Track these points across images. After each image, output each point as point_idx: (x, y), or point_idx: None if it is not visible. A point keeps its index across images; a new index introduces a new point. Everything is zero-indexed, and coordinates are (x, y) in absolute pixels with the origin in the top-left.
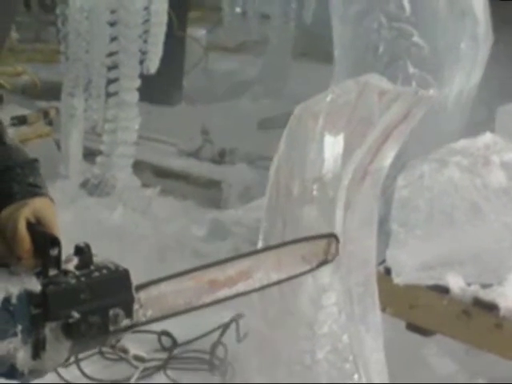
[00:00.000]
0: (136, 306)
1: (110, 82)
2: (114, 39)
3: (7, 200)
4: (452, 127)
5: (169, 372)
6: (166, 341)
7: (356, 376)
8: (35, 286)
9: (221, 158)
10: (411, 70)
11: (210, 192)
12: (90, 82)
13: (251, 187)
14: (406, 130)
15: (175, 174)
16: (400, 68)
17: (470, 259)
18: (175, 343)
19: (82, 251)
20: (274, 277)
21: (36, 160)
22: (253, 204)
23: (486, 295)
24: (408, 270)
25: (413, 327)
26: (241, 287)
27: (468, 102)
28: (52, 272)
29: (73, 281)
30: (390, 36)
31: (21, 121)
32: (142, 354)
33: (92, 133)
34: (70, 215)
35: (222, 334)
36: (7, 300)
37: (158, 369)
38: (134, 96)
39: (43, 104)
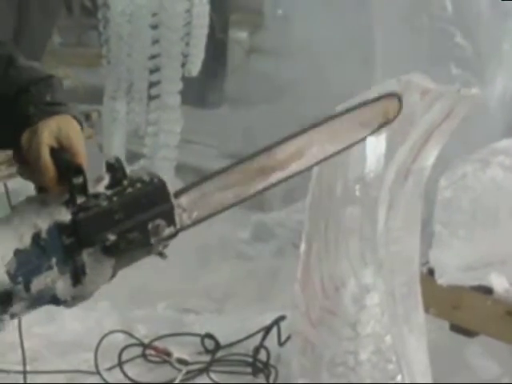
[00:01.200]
0: (178, 211)
1: (152, 84)
2: (155, 42)
3: (25, 124)
4: (495, 127)
5: (212, 375)
6: (208, 343)
7: (399, 377)
8: (65, 216)
9: None
10: (454, 70)
11: None
12: (132, 85)
13: (294, 189)
14: (449, 129)
15: None
16: (443, 69)
17: None
18: (218, 346)
19: (113, 167)
20: (331, 149)
21: (52, 76)
22: (296, 206)
23: None
24: (451, 270)
25: (456, 328)
26: (294, 167)
27: (511, 102)
28: (80, 200)
29: (104, 203)
30: (433, 36)
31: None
32: (185, 356)
33: (134, 136)
34: None
35: (264, 337)
36: (37, 235)
37: (201, 371)
38: (176, 99)
39: (85, 107)
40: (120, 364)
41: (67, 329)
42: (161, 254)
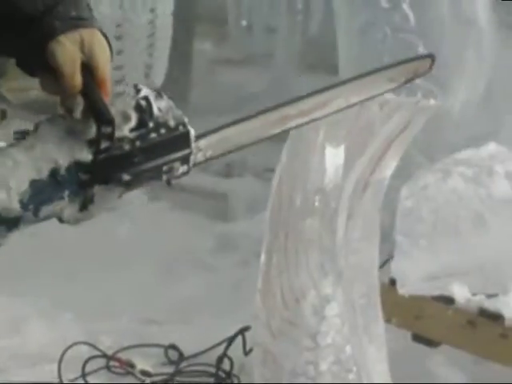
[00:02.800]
0: (195, 151)
1: (114, 96)
2: (119, 53)
3: (51, 37)
4: (457, 137)
5: None
6: (172, 354)
7: None
8: (86, 156)
9: (228, 170)
10: (416, 80)
11: (217, 205)
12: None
13: (259, 199)
14: (407, 140)
15: (182, 187)
16: None
17: (474, 269)
18: (182, 357)
19: (141, 108)
20: (354, 99)
21: None
22: (260, 216)
23: (491, 305)
24: (413, 280)
25: (419, 338)
26: (315, 115)
27: (473, 113)
28: (104, 145)
29: (127, 146)
30: (395, 47)
31: (24, 136)
32: (149, 368)
33: None
34: (77, 230)
35: (227, 347)
36: (56, 171)
37: (164, 383)
38: None
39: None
40: (84, 375)
41: (31, 341)
42: (168, 183)
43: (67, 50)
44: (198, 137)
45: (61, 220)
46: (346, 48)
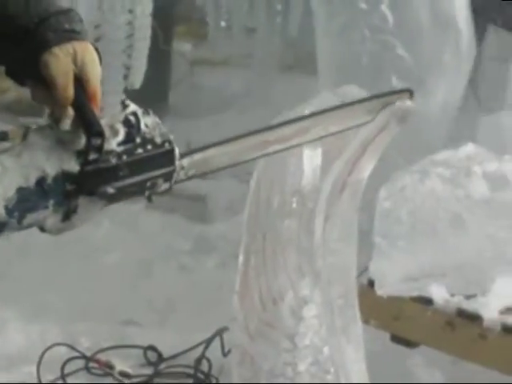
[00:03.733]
0: (177, 169)
1: None
2: None
3: (43, 49)
4: (435, 139)
5: None
6: (151, 355)
7: None
8: (73, 166)
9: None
10: (395, 82)
11: (195, 206)
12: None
13: (237, 201)
14: (385, 141)
15: None
16: (384, 80)
17: (452, 270)
18: (161, 358)
19: (130, 123)
20: (333, 129)
21: (71, 9)
22: (238, 218)
23: (470, 306)
24: (391, 281)
25: (397, 339)
26: (294, 141)
27: (451, 114)
28: (92, 156)
29: (113, 160)
30: (374, 48)
31: (1, 137)
32: (128, 369)
33: None
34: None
35: (205, 349)
36: (43, 179)
37: None
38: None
39: (28, 120)
40: (63, 377)
41: (10, 342)
42: (149, 199)
43: (61, 61)
44: (182, 155)
45: (42, 229)
46: (325, 49)
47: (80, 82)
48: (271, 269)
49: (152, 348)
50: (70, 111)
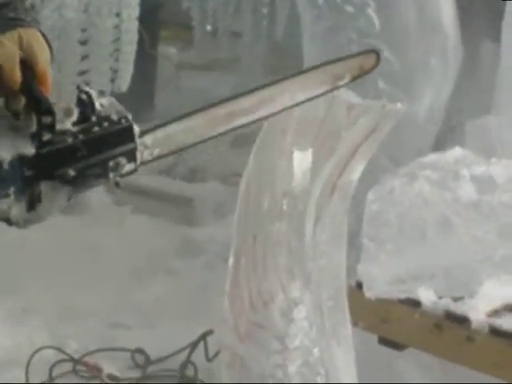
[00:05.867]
0: (141, 149)
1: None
2: (84, 58)
3: None
4: (423, 142)
5: None
6: (139, 358)
7: None
8: (29, 149)
9: (193, 175)
10: (381, 85)
11: (182, 209)
12: (61, 101)
13: (224, 204)
14: (374, 144)
15: (148, 191)
16: (370, 84)
17: (440, 273)
18: (149, 361)
19: (83, 103)
20: (301, 97)
21: (16, 1)
22: (225, 221)
23: (458, 308)
24: (379, 284)
25: (385, 341)
26: (261, 113)
27: (438, 117)
28: (46, 136)
29: (69, 139)
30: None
31: None
32: (116, 372)
33: None
34: (43, 234)
35: (190, 352)
36: None
37: None
38: None
39: None
40: (51, 380)
41: None
42: (116, 184)
43: (6, 46)
44: (143, 132)
45: (9, 221)
46: (311, 52)
47: (29, 66)
48: (261, 271)
49: (140, 351)
50: (22, 98)
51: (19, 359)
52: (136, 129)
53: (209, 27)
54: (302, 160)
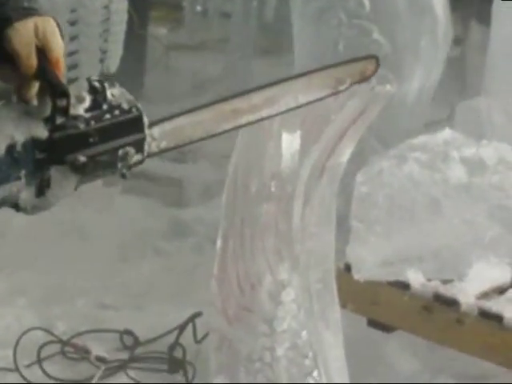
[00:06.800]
0: (148, 140)
1: (70, 81)
2: (73, 38)
3: (5, 25)
4: (412, 124)
5: (130, 372)
6: (127, 340)
7: (316, 372)
8: (42, 132)
9: (182, 156)
10: None
11: (171, 190)
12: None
13: (213, 185)
14: (363, 126)
15: (136, 172)
16: None
17: (430, 255)
18: (137, 342)
19: (96, 90)
20: (303, 99)
21: None
22: (214, 202)
23: (447, 291)
24: (368, 266)
25: (374, 323)
26: (265, 112)
27: (428, 99)
28: (60, 120)
29: (81, 125)
30: (350, 33)
31: None
32: (104, 353)
33: None
34: (31, 216)
35: (179, 334)
36: (12, 147)
37: (119, 369)
38: None
39: None
40: (39, 361)
41: None
42: (123, 175)
43: (22, 34)
44: (152, 123)
45: (17, 207)
46: (301, 34)
47: (43, 53)
48: (249, 253)
49: (128, 332)
50: (36, 84)
51: (7, 340)
52: (145, 118)
53: (199, 8)
54: (290, 142)
